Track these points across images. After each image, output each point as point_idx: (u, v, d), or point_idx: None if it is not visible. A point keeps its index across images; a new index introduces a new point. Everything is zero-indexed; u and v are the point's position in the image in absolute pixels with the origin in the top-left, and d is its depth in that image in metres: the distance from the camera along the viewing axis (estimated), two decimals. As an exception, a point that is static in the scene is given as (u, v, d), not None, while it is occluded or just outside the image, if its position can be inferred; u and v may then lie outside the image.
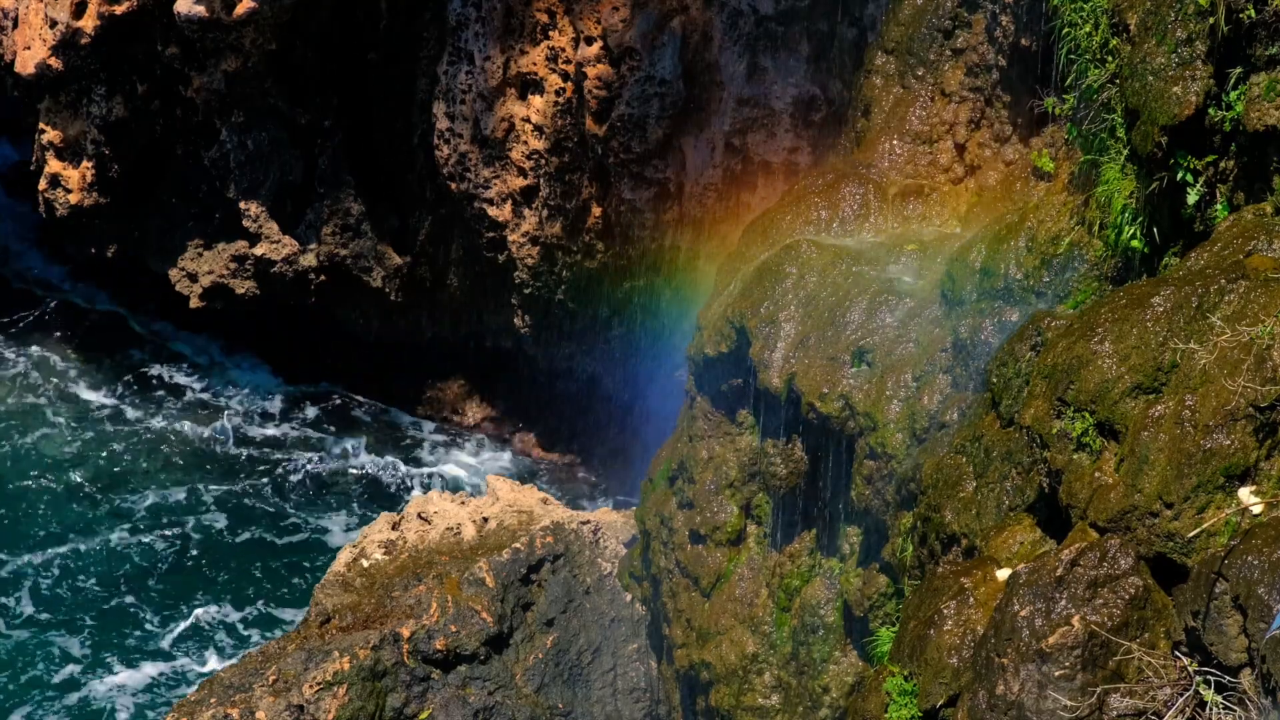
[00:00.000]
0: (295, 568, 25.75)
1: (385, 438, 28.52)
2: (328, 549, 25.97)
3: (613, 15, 23.49)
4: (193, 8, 24.35)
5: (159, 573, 25.36)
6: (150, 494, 26.85)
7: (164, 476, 27.25)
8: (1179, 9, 13.75)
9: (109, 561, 25.47)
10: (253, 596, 25.08)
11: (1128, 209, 14.54)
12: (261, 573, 25.60)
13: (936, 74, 18.71)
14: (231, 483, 27.29)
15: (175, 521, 26.37)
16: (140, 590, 25.04)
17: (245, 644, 24.00)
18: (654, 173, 24.29)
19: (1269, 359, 11.68)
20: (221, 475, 27.41)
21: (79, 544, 25.79)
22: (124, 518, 26.31)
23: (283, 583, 25.46)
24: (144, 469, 27.30)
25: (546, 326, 27.01)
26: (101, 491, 26.82)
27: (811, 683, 17.74)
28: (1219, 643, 11.01)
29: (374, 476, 27.80)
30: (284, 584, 25.43)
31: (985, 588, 13.08)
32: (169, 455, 27.65)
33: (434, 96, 25.61)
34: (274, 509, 26.89)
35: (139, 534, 26.07)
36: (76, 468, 27.15)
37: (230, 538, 26.21)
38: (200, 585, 25.26)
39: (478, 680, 19.49)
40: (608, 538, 20.92)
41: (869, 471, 16.69)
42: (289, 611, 24.86)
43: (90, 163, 26.24)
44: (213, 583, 25.32)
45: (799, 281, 17.89)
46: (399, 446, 28.37)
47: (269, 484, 27.39)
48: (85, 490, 26.78)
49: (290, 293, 27.07)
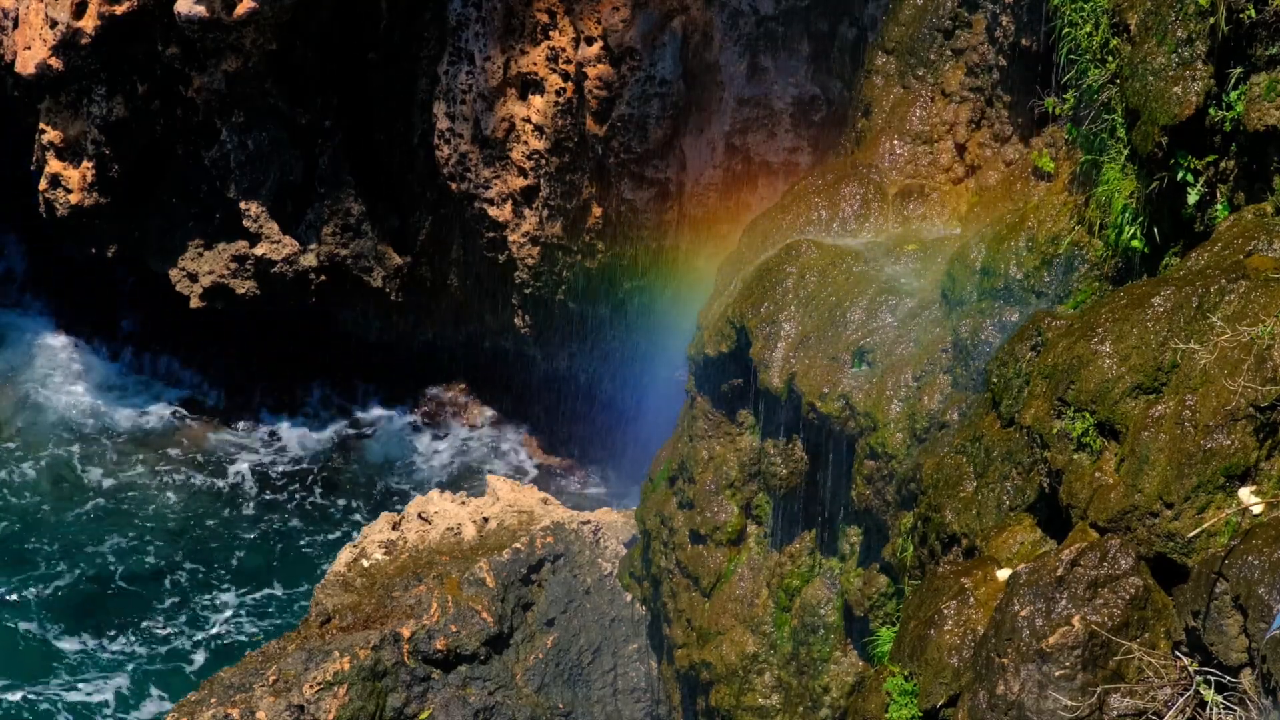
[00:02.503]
0: (295, 567, 25.75)
1: (385, 438, 28.52)
2: (328, 549, 25.98)
3: (613, 15, 23.49)
4: (193, 8, 24.35)
5: (159, 573, 25.36)
6: (150, 493, 26.85)
7: (164, 476, 27.24)
8: (1179, 9, 13.75)
9: (108, 561, 25.47)
10: (253, 596, 25.07)
11: (1128, 209, 14.54)
12: (262, 572, 25.60)
13: (937, 74, 18.71)
14: (231, 482, 27.29)
15: (174, 521, 26.37)
16: (139, 590, 25.05)
17: (246, 644, 24.00)
18: (654, 173, 24.30)
19: (1269, 359, 11.68)
20: (222, 475, 27.40)
21: (78, 542, 25.80)
22: (123, 517, 26.32)
23: (283, 582, 25.46)
24: (144, 469, 27.30)
25: (547, 327, 27.01)
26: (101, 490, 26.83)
27: (812, 683, 17.73)
28: (1219, 643, 11.01)
29: (374, 476, 27.80)
30: (284, 584, 25.44)
31: (985, 588, 13.08)
32: (169, 455, 27.66)
33: (434, 96, 25.61)
34: (274, 509, 26.90)
35: (137, 533, 26.07)
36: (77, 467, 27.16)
37: (230, 538, 26.21)
38: (201, 585, 25.26)
39: (478, 680, 19.50)
40: (608, 538, 20.93)
41: (869, 471, 16.69)
42: (289, 611, 24.87)
43: (90, 163, 26.24)
44: (213, 582, 25.32)
45: (799, 281, 17.89)
46: (399, 446, 28.36)
47: (269, 484, 27.39)
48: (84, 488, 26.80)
49: (290, 293, 27.06)
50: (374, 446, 28.28)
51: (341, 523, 26.74)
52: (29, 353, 29.37)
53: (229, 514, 26.71)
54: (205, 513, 26.68)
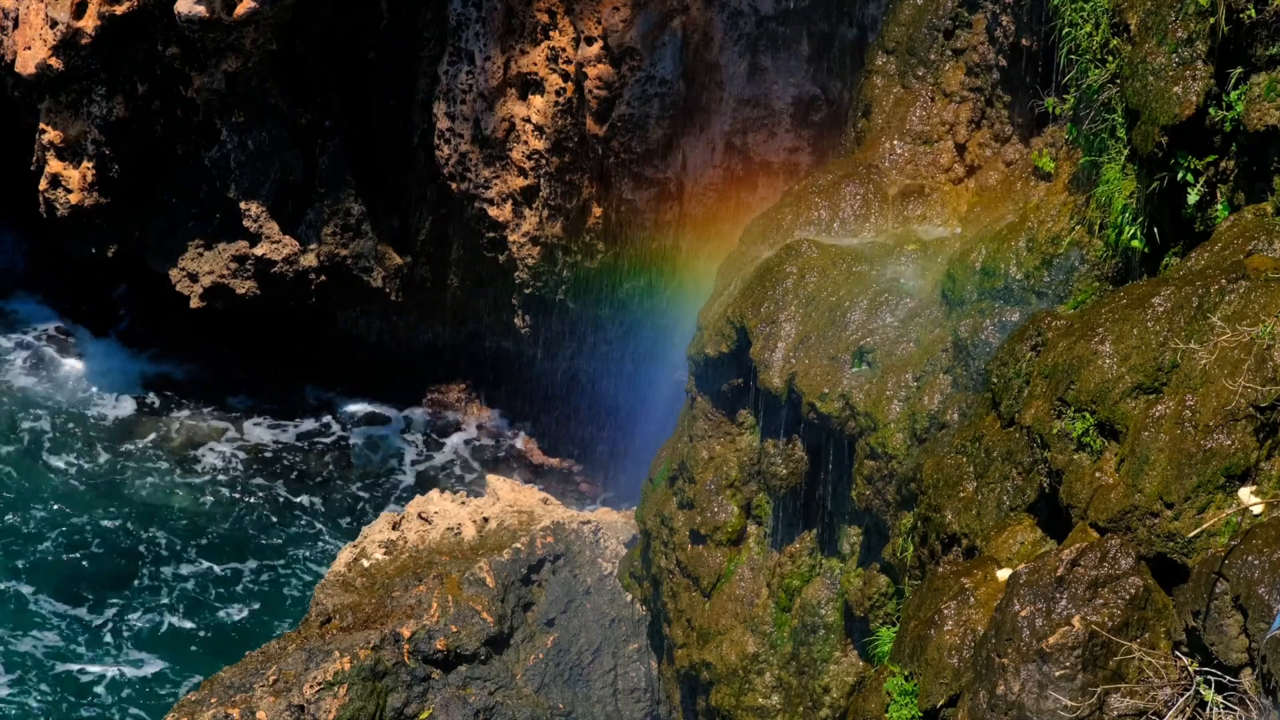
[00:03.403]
0: (296, 567, 25.75)
1: (386, 438, 28.52)
2: (328, 549, 25.98)
3: (613, 15, 23.50)
4: (193, 8, 24.35)
5: (158, 572, 25.36)
6: (149, 494, 26.85)
7: (163, 477, 27.25)
8: (1179, 9, 13.76)
9: (107, 560, 25.48)
10: (253, 596, 25.07)
11: (1128, 209, 14.54)
12: (262, 572, 25.60)
13: (937, 74, 18.71)
14: (231, 482, 27.30)
15: (173, 521, 26.38)
16: (138, 589, 25.04)
17: (246, 644, 24.00)
18: (654, 173, 24.30)
19: (1269, 359, 11.68)
20: (221, 475, 27.41)
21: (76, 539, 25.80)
22: (121, 515, 26.32)
23: (283, 582, 25.46)
24: (144, 469, 27.29)
25: (547, 327, 27.01)
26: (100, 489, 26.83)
27: (812, 683, 17.74)
28: (1219, 643, 11.01)
29: (374, 477, 27.81)
30: (284, 584, 25.44)
31: (986, 588, 13.08)
32: (169, 455, 27.66)
33: (434, 96, 25.61)
34: (274, 509, 26.90)
35: (136, 533, 26.07)
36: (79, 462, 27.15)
37: (230, 538, 26.22)
38: (201, 585, 25.26)
39: (478, 680, 19.50)
40: (608, 538, 20.93)
41: (869, 471, 16.69)
42: (289, 612, 24.87)
43: (91, 163, 26.24)
44: (214, 582, 25.33)
45: (799, 281, 17.89)
46: (400, 446, 28.37)
47: (268, 484, 27.40)
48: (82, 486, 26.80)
49: (291, 293, 27.06)
50: (374, 446, 28.28)
51: (341, 523, 26.75)
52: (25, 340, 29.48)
53: (228, 514, 26.71)
54: (203, 511, 26.67)
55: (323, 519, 26.84)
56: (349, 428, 28.66)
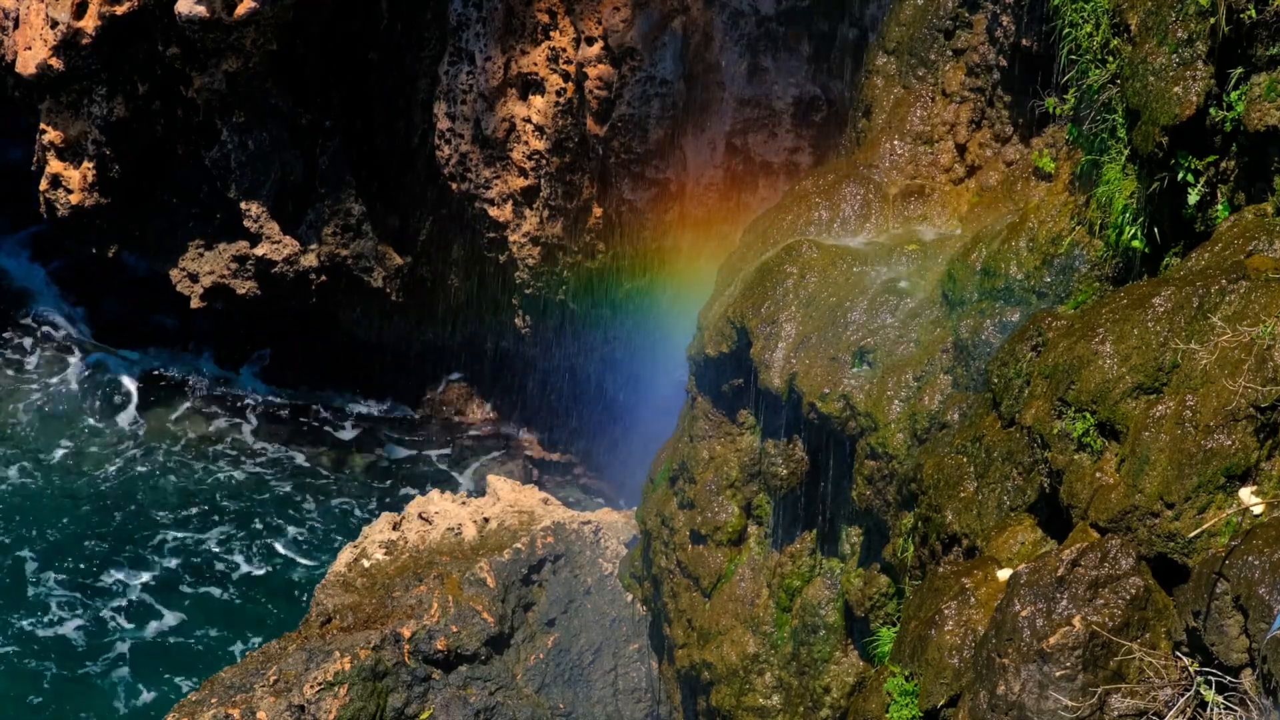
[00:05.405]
0: (296, 568, 25.76)
1: (386, 438, 28.53)
2: (328, 549, 25.98)
3: (614, 15, 23.50)
4: (193, 8, 24.35)
5: (157, 572, 25.36)
6: (148, 493, 26.86)
7: (163, 477, 27.25)
8: (1180, 9, 13.76)
9: (105, 559, 25.47)
10: (253, 595, 25.08)
11: (1129, 209, 14.54)
12: (262, 572, 25.61)
13: (937, 74, 18.71)
14: (231, 482, 27.29)
15: (172, 520, 26.37)
16: (138, 588, 25.04)
17: (245, 644, 24.01)
18: (655, 173, 24.30)
19: (1270, 359, 11.69)
20: (221, 475, 27.41)
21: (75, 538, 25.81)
22: (120, 515, 26.32)
23: (284, 582, 25.47)
24: (144, 469, 27.30)
25: (547, 327, 27.02)
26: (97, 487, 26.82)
27: (812, 683, 17.74)
28: (1220, 643, 11.02)
29: (375, 476, 27.81)
30: (285, 583, 25.45)
31: (986, 588, 13.08)
32: (170, 455, 27.66)
33: (435, 96, 25.61)
34: (274, 508, 26.91)
35: (135, 532, 26.08)
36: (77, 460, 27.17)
37: (230, 538, 26.22)
38: (201, 585, 25.26)
39: (479, 680, 19.50)
40: (608, 538, 20.93)
41: (870, 471, 16.69)
42: (289, 612, 24.87)
43: (91, 163, 26.24)
44: (213, 581, 25.33)
45: (800, 282, 17.89)
46: (400, 447, 28.37)
47: (269, 484, 27.40)
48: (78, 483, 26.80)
49: (291, 293, 27.07)
50: (374, 446, 28.28)
51: (342, 522, 26.75)
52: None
53: (225, 513, 26.71)
54: (202, 511, 26.68)
55: (323, 519, 26.85)
56: (349, 427, 28.67)
